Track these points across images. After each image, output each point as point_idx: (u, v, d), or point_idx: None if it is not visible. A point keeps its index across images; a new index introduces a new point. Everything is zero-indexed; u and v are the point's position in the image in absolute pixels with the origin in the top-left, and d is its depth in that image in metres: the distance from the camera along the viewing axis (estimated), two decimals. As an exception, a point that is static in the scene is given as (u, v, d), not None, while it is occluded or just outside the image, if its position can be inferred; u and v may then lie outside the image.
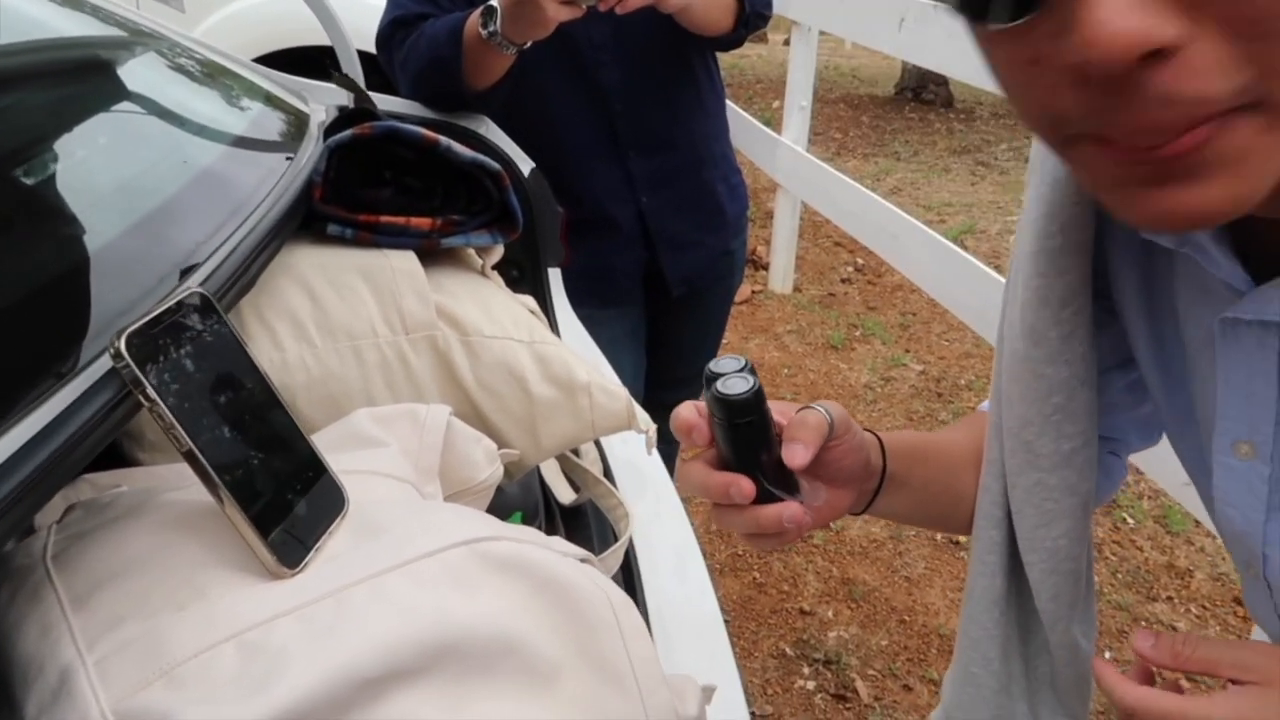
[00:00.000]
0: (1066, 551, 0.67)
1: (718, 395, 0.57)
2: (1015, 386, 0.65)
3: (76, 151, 0.77)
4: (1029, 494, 0.66)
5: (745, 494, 0.59)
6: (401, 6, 1.43)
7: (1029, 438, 0.64)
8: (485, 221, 0.96)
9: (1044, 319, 0.61)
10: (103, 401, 0.51)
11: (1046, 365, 0.62)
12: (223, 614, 0.50)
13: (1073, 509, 0.66)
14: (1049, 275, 0.60)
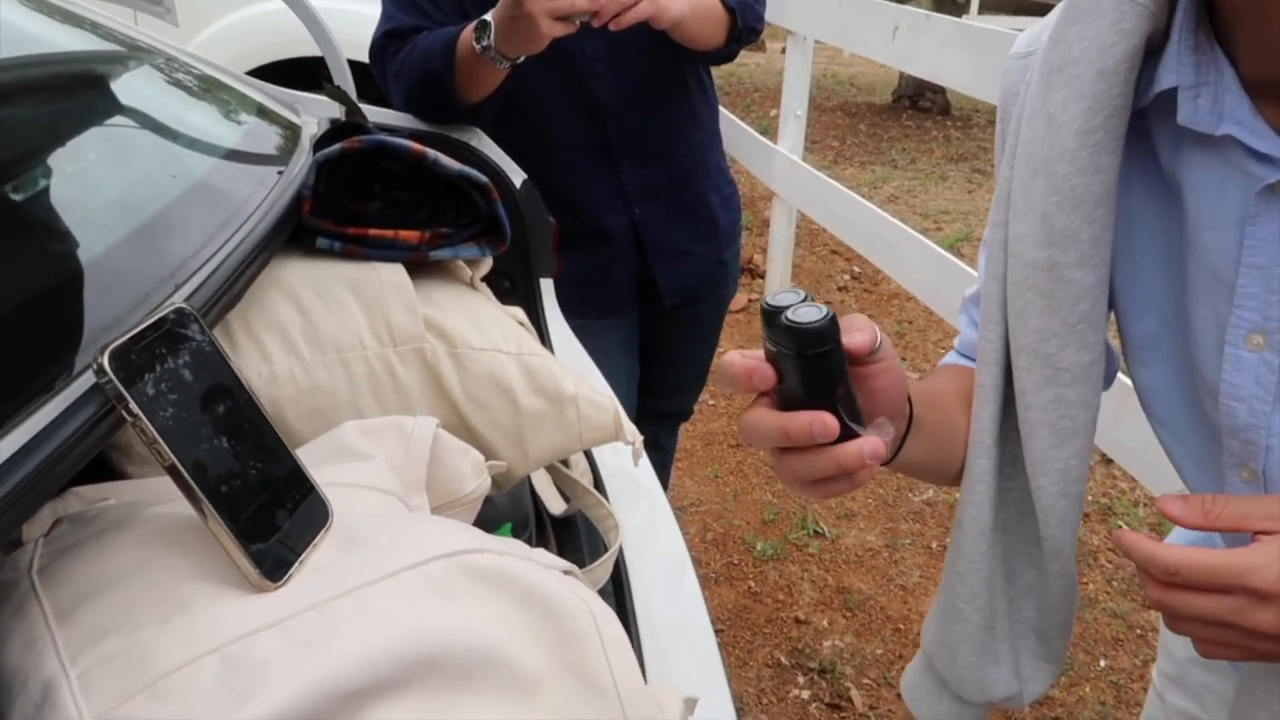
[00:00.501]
0: (1076, 472, 0.66)
1: (792, 325, 0.52)
2: (1035, 299, 0.63)
3: (66, 166, 0.78)
4: (1045, 411, 0.65)
5: (830, 431, 0.54)
6: (394, 19, 1.43)
7: (1050, 351, 0.64)
8: (473, 234, 0.97)
9: (1078, 220, 0.61)
10: (87, 416, 0.52)
11: (1076, 270, 0.62)
12: (205, 627, 0.51)
13: (1086, 425, 0.65)
14: (1087, 173, 0.60)
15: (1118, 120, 0.59)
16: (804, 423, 0.54)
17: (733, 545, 2.54)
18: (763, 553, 2.50)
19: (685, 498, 2.73)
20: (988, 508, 0.71)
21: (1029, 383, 0.65)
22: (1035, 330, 0.64)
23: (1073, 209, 0.61)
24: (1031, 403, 0.66)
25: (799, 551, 2.52)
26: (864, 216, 3.20)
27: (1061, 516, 0.68)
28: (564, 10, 1.19)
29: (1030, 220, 0.63)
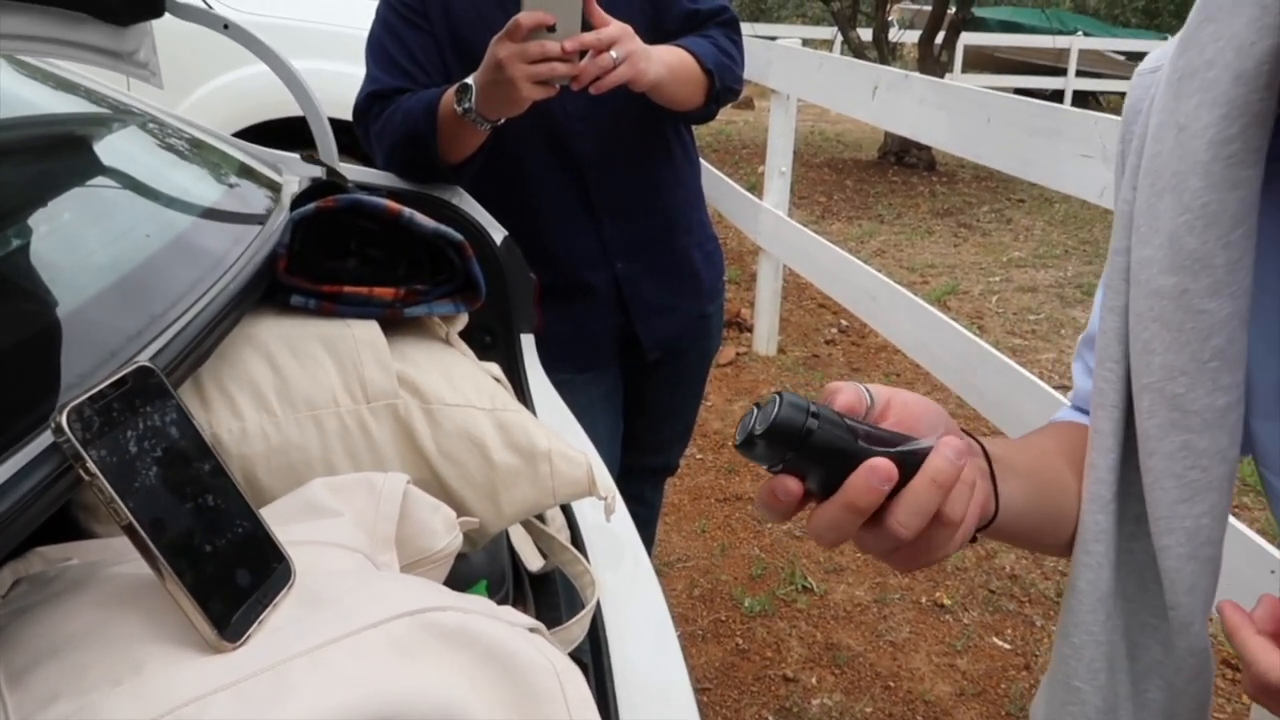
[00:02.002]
0: (1209, 533, 0.58)
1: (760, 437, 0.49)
2: (1162, 332, 0.57)
3: (41, 226, 0.79)
4: (1171, 460, 0.58)
5: (885, 474, 0.49)
6: (378, 81, 1.46)
7: (1177, 391, 0.56)
8: (449, 291, 0.97)
9: (1210, 241, 0.54)
10: (44, 474, 0.51)
11: (1209, 299, 0.55)
12: (158, 690, 0.50)
13: (1220, 480, 0.58)
14: (1222, 189, 0.53)
15: (1259, 129, 0.53)
16: (860, 483, 0.49)
17: (720, 601, 2.51)
18: (750, 609, 2.48)
19: (672, 553, 2.71)
20: (1107, 570, 0.62)
21: (1153, 427, 0.58)
22: (1161, 367, 0.57)
23: (1205, 229, 0.54)
24: (1156, 449, 0.58)
25: (787, 607, 2.50)
26: (850, 271, 3.23)
27: (1191, 583, 0.59)
28: (544, 75, 1.21)
29: (1156, 243, 0.56)
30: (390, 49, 1.46)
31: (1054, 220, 6.61)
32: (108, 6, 1.11)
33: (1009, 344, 4.27)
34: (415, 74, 1.45)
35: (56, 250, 0.75)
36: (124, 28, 1.18)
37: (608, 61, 1.26)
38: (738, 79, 1.57)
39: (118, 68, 1.21)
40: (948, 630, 2.42)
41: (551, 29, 1.21)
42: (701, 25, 1.55)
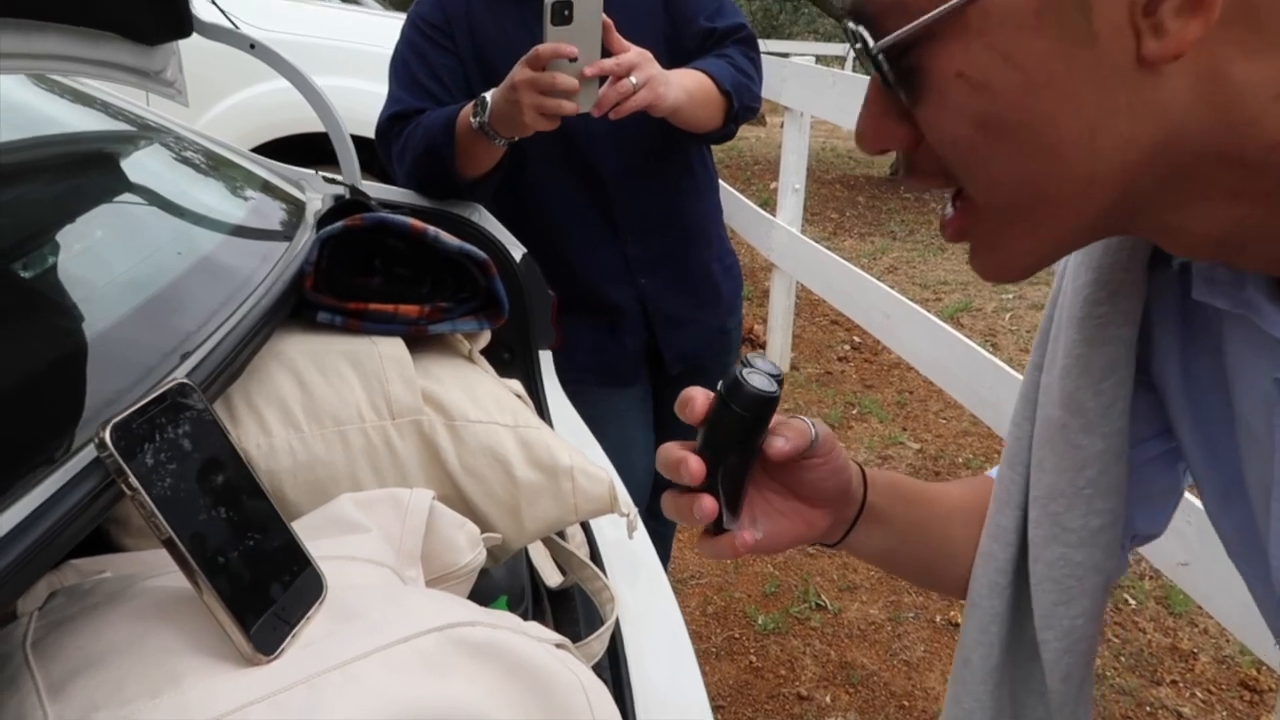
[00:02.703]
0: (1083, 631, 0.64)
1: (738, 377, 0.54)
2: (1049, 454, 0.62)
3: (75, 244, 0.80)
4: (1051, 568, 0.63)
5: (694, 473, 0.56)
6: (400, 102, 1.48)
7: (1058, 510, 0.62)
8: (472, 308, 0.98)
9: (1084, 388, 0.59)
10: (87, 489, 0.52)
11: (1082, 435, 0.60)
12: (195, 702, 0.51)
13: (1095, 588, 0.63)
14: (1094, 343, 0.59)
15: (1128, 297, 0.57)
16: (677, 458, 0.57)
17: (733, 619, 2.51)
18: (764, 626, 2.47)
19: (686, 570, 2.70)
20: (998, 649, 0.68)
21: (1038, 537, 0.64)
22: (1047, 486, 0.63)
23: (1079, 376, 0.59)
24: (1039, 556, 0.64)
25: (801, 625, 2.49)
26: (863, 287, 3.24)
27: (1066, 672, 0.65)
28: (550, 111, 1.23)
29: (1053, 375, 0.62)
30: (414, 69, 1.48)
31: (1067, 238, 6.59)
32: (137, 27, 1.13)
33: (1022, 361, 4.26)
34: (439, 94, 1.46)
35: (93, 267, 0.77)
36: (152, 47, 1.20)
37: (627, 87, 1.27)
38: (755, 97, 1.58)
39: (145, 86, 1.23)
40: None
41: (573, 60, 1.22)
42: (720, 43, 1.56)
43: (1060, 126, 0.42)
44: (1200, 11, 0.38)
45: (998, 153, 0.44)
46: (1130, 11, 0.39)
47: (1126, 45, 0.40)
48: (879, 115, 0.48)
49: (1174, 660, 2.38)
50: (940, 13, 0.42)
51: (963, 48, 0.42)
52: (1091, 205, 0.45)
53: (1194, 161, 0.42)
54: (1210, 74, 0.40)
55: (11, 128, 1.10)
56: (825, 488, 0.63)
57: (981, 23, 0.41)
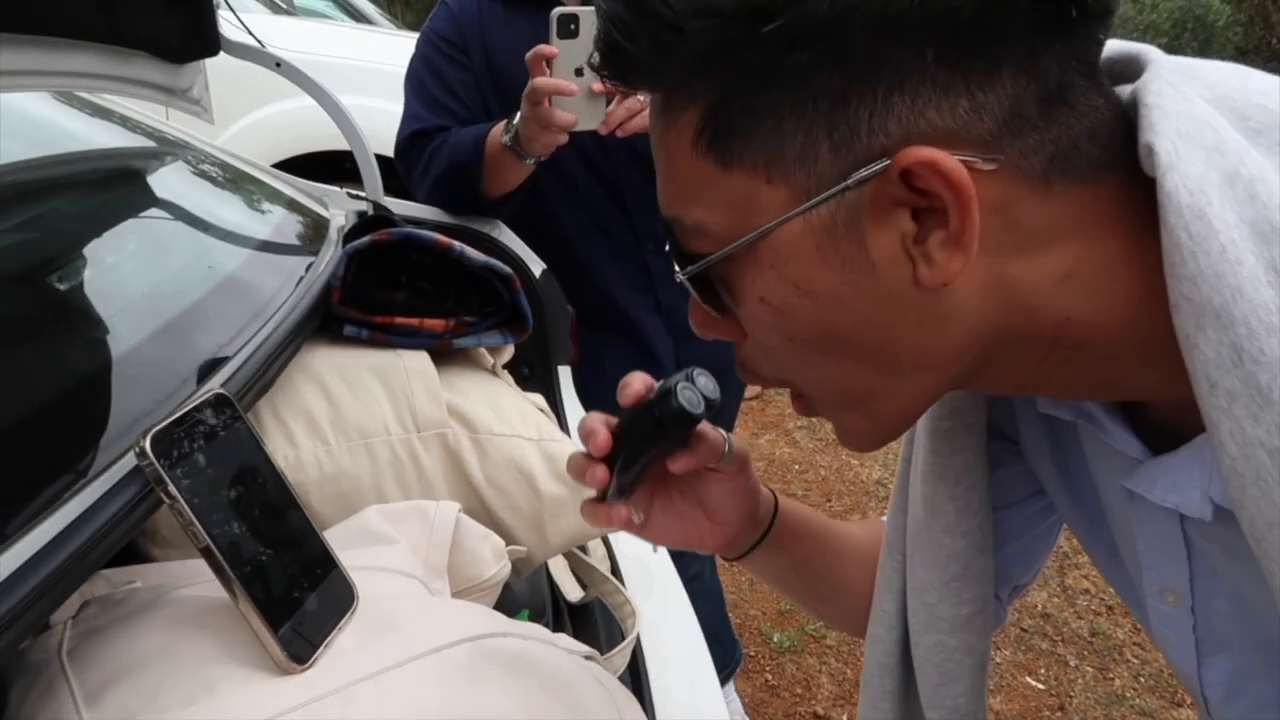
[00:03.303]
0: (967, 708, 0.67)
1: (671, 388, 0.56)
2: (917, 550, 0.65)
3: (108, 258, 0.81)
4: (931, 653, 0.66)
5: (598, 445, 0.58)
6: (419, 119, 1.49)
7: (930, 601, 0.65)
8: (496, 322, 0.99)
9: (940, 493, 0.62)
10: (125, 499, 0.53)
11: (944, 535, 0.63)
12: (230, 710, 0.51)
13: (972, 668, 0.66)
14: (943, 454, 0.61)
15: (971, 410, 0.60)
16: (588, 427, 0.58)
17: (749, 636, 2.50)
18: (779, 644, 2.46)
19: (700, 587, 2.69)
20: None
21: (915, 625, 0.67)
22: (919, 578, 0.66)
23: (935, 481, 0.62)
24: (918, 642, 0.67)
25: (816, 643, 2.48)
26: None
27: None
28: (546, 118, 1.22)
29: (916, 476, 0.65)
30: (431, 86, 1.49)
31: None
32: (166, 45, 1.15)
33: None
34: (457, 110, 1.48)
35: (127, 281, 0.78)
36: (180, 65, 1.22)
37: (636, 104, 1.28)
38: None
39: (172, 103, 1.25)
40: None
41: (579, 72, 1.23)
42: None
43: (859, 340, 0.45)
44: (961, 248, 0.41)
45: (811, 361, 0.48)
46: (902, 243, 0.42)
47: (903, 271, 0.43)
48: (704, 311, 0.52)
49: (1194, 681, 2.36)
50: (733, 248, 0.45)
51: (758, 274, 0.45)
52: (914, 392, 0.48)
53: (997, 343, 0.45)
54: (993, 281, 0.43)
55: (41, 144, 1.12)
56: (727, 508, 0.66)
57: (771, 255, 0.44)
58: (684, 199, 0.47)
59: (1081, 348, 0.45)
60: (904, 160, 0.40)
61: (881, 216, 0.42)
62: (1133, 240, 0.42)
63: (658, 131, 0.47)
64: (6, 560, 0.48)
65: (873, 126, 0.41)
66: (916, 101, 0.40)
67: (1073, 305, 0.43)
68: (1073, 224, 0.42)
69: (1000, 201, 0.41)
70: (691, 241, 0.48)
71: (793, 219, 0.43)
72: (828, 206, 0.42)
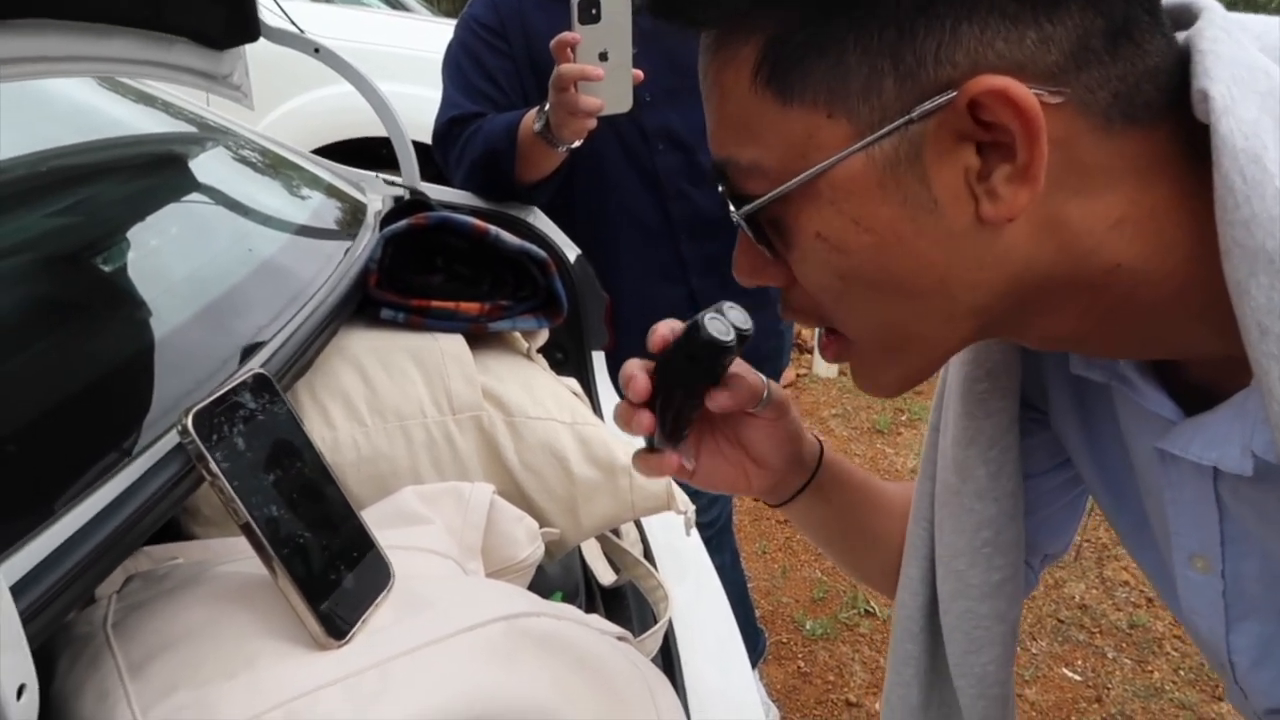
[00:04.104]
0: (995, 676, 0.67)
1: (698, 320, 0.56)
2: (947, 516, 0.65)
3: (151, 242, 0.82)
4: (959, 620, 0.66)
5: (637, 390, 0.58)
6: (457, 106, 1.49)
7: (960, 567, 0.65)
8: (531, 307, 0.99)
9: (972, 457, 0.62)
10: (168, 476, 0.54)
11: (975, 500, 0.63)
12: (270, 683, 0.52)
13: (1002, 635, 0.66)
14: (976, 416, 0.61)
15: (1005, 374, 0.60)
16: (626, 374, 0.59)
17: (781, 623, 2.49)
18: (812, 632, 2.45)
19: (733, 574, 2.70)
20: (915, 688, 0.71)
21: (944, 592, 0.67)
22: (948, 545, 0.65)
23: (967, 445, 0.62)
24: (947, 609, 0.67)
25: (849, 631, 2.47)
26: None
27: (983, 715, 0.68)
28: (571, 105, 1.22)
29: (947, 442, 0.64)
30: (470, 73, 1.50)
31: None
32: (207, 32, 1.16)
33: (1076, 369, 4.18)
34: (495, 97, 1.48)
35: (170, 264, 0.79)
36: (221, 51, 1.23)
37: None
38: None
39: (213, 89, 1.26)
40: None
41: (604, 56, 1.23)
42: None
43: (915, 279, 0.45)
44: (1028, 181, 0.41)
45: (861, 301, 0.47)
46: (966, 178, 0.42)
47: (966, 208, 0.42)
48: (752, 257, 0.51)
49: (1235, 675, 2.32)
50: (792, 185, 0.44)
51: (816, 211, 0.45)
52: (952, 337, 0.48)
53: (1043, 290, 0.45)
54: (1048, 221, 0.43)
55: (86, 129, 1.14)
56: (770, 452, 0.66)
57: (831, 192, 0.44)
58: (739, 139, 0.46)
59: (1129, 299, 0.44)
60: (973, 90, 0.40)
61: (945, 151, 0.42)
62: (1183, 188, 0.42)
63: (711, 71, 0.47)
64: (53, 534, 0.49)
65: (940, 58, 0.40)
66: (985, 32, 0.40)
67: (1124, 251, 0.43)
68: (1129, 167, 0.42)
69: (1063, 137, 0.41)
70: (746, 182, 0.47)
71: (854, 154, 0.42)
72: (890, 141, 0.42)
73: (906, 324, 0.47)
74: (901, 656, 0.71)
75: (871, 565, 0.77)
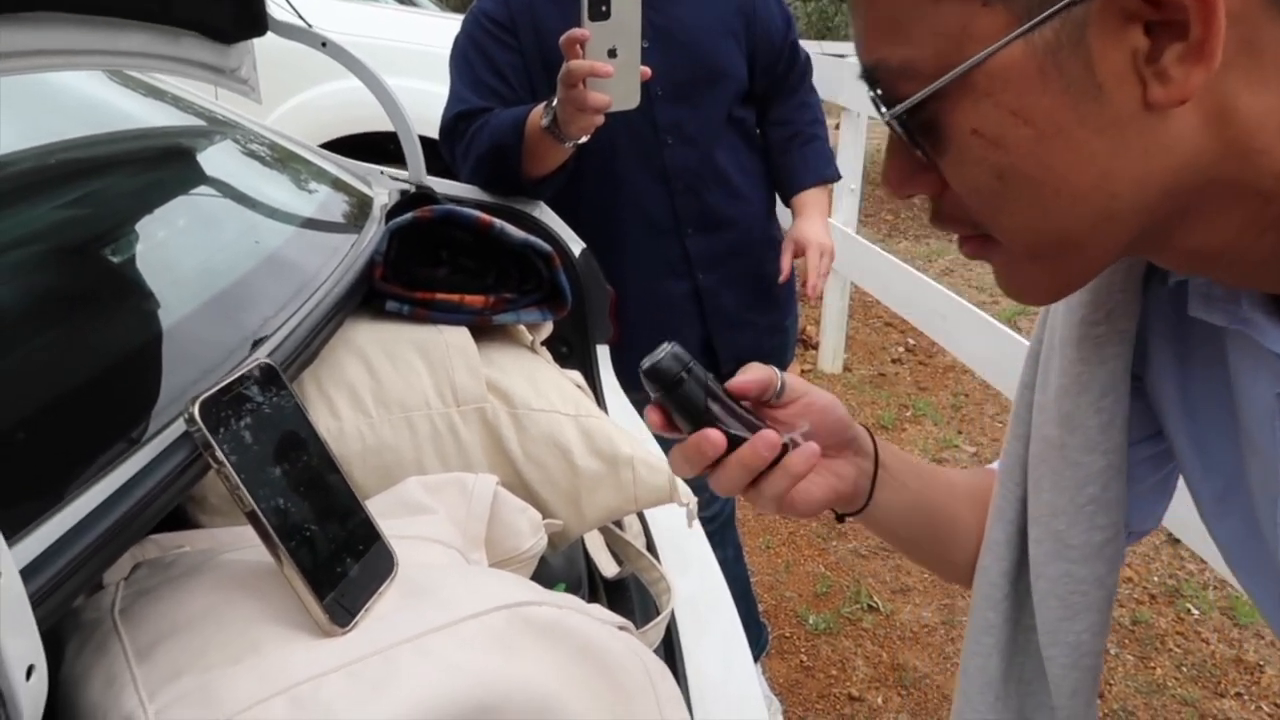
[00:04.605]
0: (1089, 646, 0.65)
1: (641, 370, 0.58)
2: (1046, 474, 0.63)
3: (159, 233, 0.83)
4: (1055, 584, 0.64)
5: (714, 443, 0.58)
6: (465, 101, 1.50)
7: (1059, 527, 0.63)
8: (536, 300, 1.00)
9: (1083, 406, 0.60)
10: (174, 464, 0.55)
11: (1083, 454, 0.61)
12: (275, 669, 0.53)
13: (1099, 602, 0.64)
14: (1091, 362, 0.59)
15: (1124, 316, 0.59)
16: (693, 443, 0.58)
17: (784, 618, 2.50)
18: (815, 626, 2.46)
19: (737, 569, 2.70)
20: (995, 659, 0.69)
21: (1040, 554, 0.65)
22: (1047, 504, 0.63)
23: (1078, 394, 0.60)
24: (1042, 573, 0.65)
25: (852, 626, 2.47)
26: (919, 289, 3.20)
27: (1074, 688, 0.66)
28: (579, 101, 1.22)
29: (1048, 394, 0.63)
30: (478, 68, 1.50)
31: (1129, 241, 6.45)
32: (216, 26, 1.17)
33: (1082, 366, 4.17)
34: (503, 93, 1.48)
35: (177, 255, 0.80)
36: (229, 45, 1.24)
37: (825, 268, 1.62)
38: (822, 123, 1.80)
39: (221, 83, 1.27)
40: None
41: (613, 53, 1.23)
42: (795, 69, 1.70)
43: (1076, 174, 0.43)
44: (1203, 59, 0.39)
45: (1018, 201, 0.45)
46: (1133, 61, 0.40)
47: (1132, 93, 0.41)
48: (902, 164, 0.49)
49: (1239, 672, 2.32)
50: (948, 79, 0.43)
51: (973, 106, 0.43)
52: (1111, 242, 0.46)
53: (1207, 192, 0.43)
54: (1218, 111, 0.41)
55: (94, 122, 1.14)
56: (825, 435, 0.63)
57: (988, 84, 0.43)
58: (890, 38, 0.45)
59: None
60: None
61: (1110, 32, 0.40)
62: None
63: None
64: (63, 519, 0.50)
65: None
66: None
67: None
68: None
69: (1240, 12, 0.39)
70: (898, 84, 0.45)
71: (1013, 41, 0.41)
72: (1051, 25, 0.40)
73: (1064, 227, 0.45)
74: (981, 625, 0.68)
75: (958, 556, 0.74)
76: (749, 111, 1.67)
